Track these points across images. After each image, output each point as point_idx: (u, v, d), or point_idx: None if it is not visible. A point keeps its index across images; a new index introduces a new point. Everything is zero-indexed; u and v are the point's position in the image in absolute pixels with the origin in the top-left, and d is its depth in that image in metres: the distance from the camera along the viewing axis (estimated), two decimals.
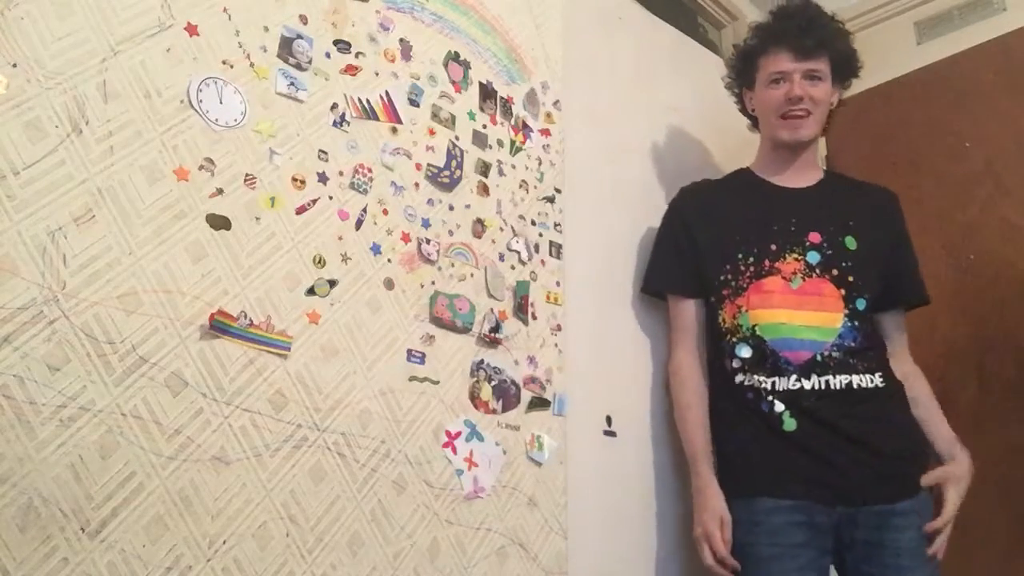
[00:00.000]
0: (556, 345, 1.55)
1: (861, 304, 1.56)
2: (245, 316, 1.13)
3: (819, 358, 1.52)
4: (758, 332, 1.56)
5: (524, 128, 1.61)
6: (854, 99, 2.37)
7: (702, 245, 1.67)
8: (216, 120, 1.16)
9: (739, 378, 1.57)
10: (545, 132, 1.66)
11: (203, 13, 1.18)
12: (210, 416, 1.07)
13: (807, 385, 1.51)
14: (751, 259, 1.61)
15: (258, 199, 1.18)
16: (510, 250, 1.52)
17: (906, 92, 2.27)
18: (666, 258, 1.74)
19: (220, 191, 1.14)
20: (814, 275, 1.57)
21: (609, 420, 1.63)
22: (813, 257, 1.58)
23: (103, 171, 1.04)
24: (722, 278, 1.63)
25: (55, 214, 0.99)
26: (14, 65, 0.99)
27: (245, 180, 1.17)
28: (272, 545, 1.09)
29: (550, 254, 1.60)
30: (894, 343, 1.64)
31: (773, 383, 1.53)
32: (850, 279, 1.56)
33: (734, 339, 1.60)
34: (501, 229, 1.52)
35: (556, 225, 1.63)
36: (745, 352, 1.57)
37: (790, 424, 1.50)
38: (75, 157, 1.02)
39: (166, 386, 1.03)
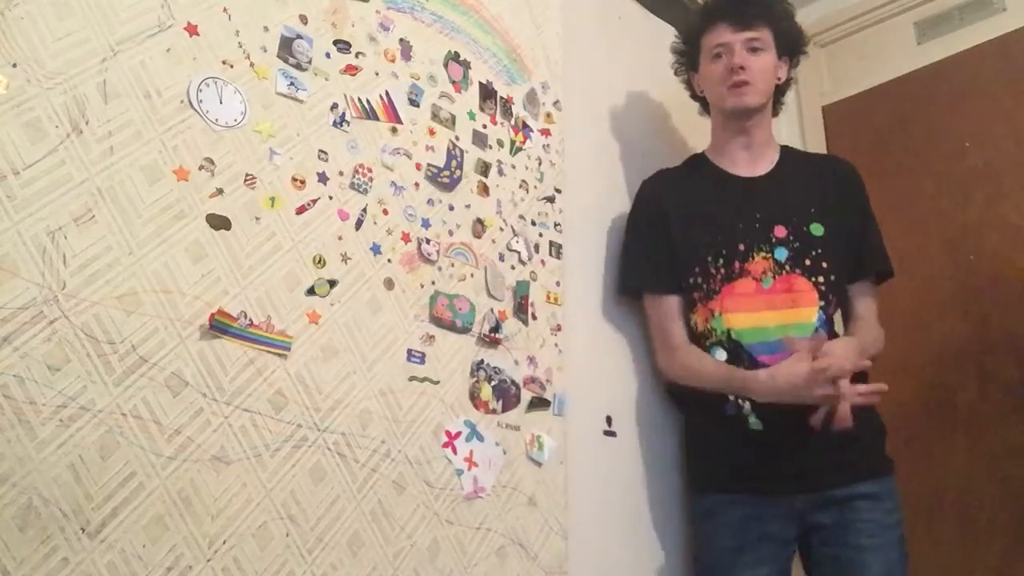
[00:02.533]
0: (556, 345, 1.55)
1: (831, 287, 1.56)
2: (245, 316, 1.13)
3: None
4: (734, 336, 1.56)
5: (524, 128, 1.61)
6: (854, 99, 2.39)
7: (675, 241, 1.65)
8: (216, 120, 1.16)
9: None
10: (545, 132, 1.66)
11: (203, 13, 1.18)
12: (210, 416, 1.07)
13: None
14: (720, 261, 1.60)
15: (258, 199, 1.18)
16: (510, 250, 1.52)
17: (906, 92, 2.27)
18: (640, 255, 1.70)
19: (220, 191, 1.14)
20: (784, 271, 1.57)
21: (609, 420, 1.63)
22: (781, 253, 1.59)
23: (103, 171, 1.04)
24: (691, 280, 1.62)
25: (55, 214, 0.99)
26: (14, 65, 0.99)
27: (245, 180, 1.17)
28: (272, 545, 1.09)
29: (550, 254, 1.60)
30: (862, 309, 1.62)
31: None
32: (823, 265, 1.57)
33: (708, 342, 1.59)
34: (501, 229, 1.52)
35: (556, 225, 1.63)
36: (720, 355, 1.57)
37: (756, 424, 1.52)
38: (75, 157, 1.02)
39: (166, 386, 1.03)
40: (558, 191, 1.65)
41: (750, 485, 1.52)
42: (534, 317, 1.52)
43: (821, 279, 1.56)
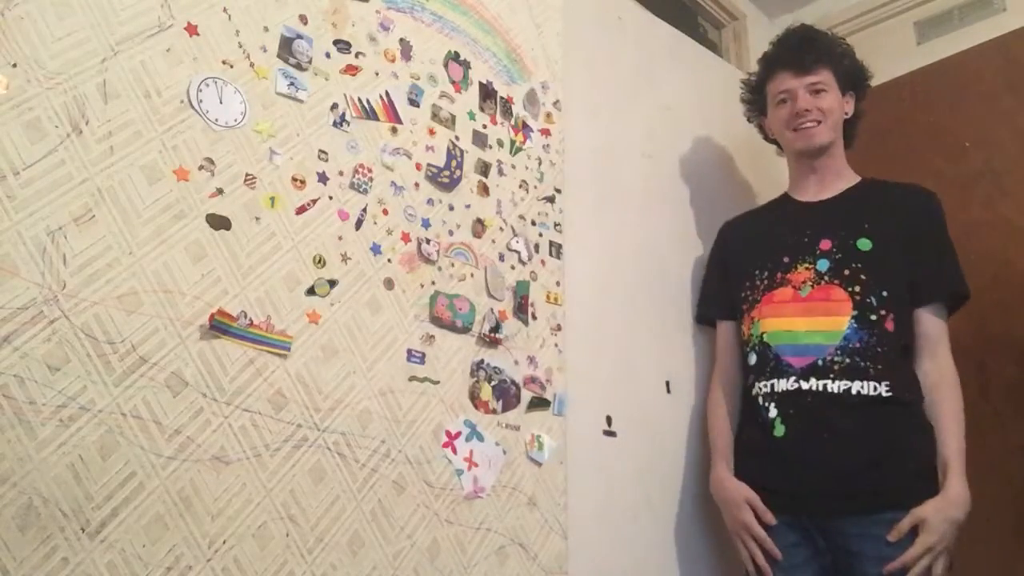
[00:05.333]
0: (556, 345, 1.55)
1: (876, 300, 1.54)
2: (245, 316, 1.13)
3: (821, 363, 1.53)
4: (765, 339, 1.63)
5: (524, 128, 1.61)
6: None
7: (732, 270, 1.79)
8: (216, 120, 1.16)
9: (750, 387, 1.66)
10: (545, 132, 1.66)
11: (203, 13, 1.18)
12: (210, 416, 1.07)
13: (804, 386, 1.53)
14: (765, 273, 1.68)
15: (258, 199, 1.18)
16: (510, 250, 1.52)
17: (906, 92, 2.27)
18: (709, 287, 1.89)
19: (220, 191, 1.14)
20: (823, 281, 1.59)
21: (609, 420, 1.63)
22: (823, 264, 1.61)
23: (103, 171, 1.04)
24: (742, 294, 1.72)
25: (55, 214, 0.99)
26: (14, 65, 0.99)
27: (245, 180, 1.17)
28: (272, 545, 1.09)
29: (550, 254, 1.60)
30: (928, 342, 1.56)
31: (772, 385, 1.58)
32: (863, 277, 1.56)
33: (747, 348, 1.69)
34: (501, 229, 1.52)
35: (556, 225, 1.63)
36: (752, 359, 1.66)
37: (780, 430, 1.54)
38: (75, 157, 1.02)
39: (166, 386, 1.03)
40: (558, 191, 1.65)
41: (773, 504, 1.53)
42: (534, 317, 1.52)
43: (858, 289, 1.55)
